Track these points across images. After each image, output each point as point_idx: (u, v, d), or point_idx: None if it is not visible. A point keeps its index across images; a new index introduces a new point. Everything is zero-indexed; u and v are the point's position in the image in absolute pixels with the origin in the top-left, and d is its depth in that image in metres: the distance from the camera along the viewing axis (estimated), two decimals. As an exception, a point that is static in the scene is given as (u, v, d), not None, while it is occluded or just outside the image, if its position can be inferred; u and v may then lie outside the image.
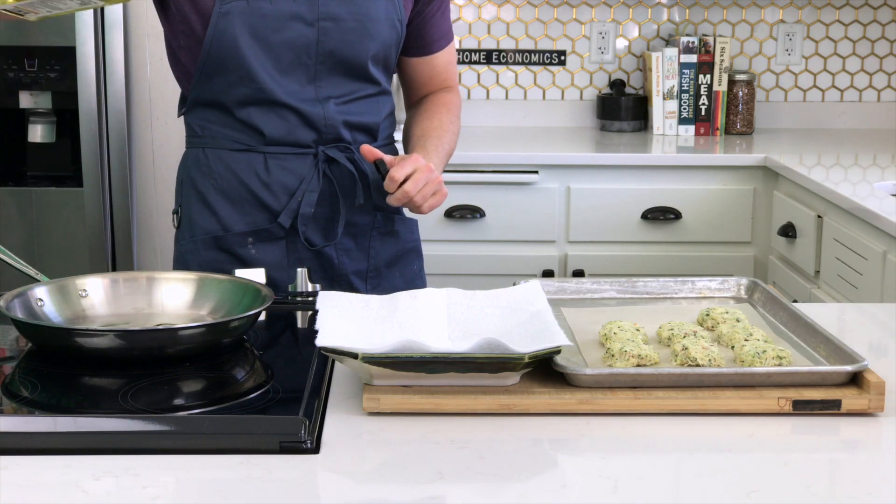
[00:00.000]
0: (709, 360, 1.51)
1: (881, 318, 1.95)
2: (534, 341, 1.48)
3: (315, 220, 2.06)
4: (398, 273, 2.15)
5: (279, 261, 2.05)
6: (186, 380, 1.53)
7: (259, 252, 2.05)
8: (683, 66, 3.91)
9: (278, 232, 2.05)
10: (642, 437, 1.39)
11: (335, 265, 2.08)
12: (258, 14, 1.97)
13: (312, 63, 2.01)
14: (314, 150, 2.04)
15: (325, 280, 2.07)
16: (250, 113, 2.02)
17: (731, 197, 3.50)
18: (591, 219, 3.50)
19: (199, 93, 2.04)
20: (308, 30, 1.99)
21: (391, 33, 2.05)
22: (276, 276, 2.00)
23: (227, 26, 1.97)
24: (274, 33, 1.98)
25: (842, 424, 1.43)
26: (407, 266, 2.17)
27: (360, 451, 1.34)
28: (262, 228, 2.05)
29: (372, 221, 2.11)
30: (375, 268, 2.13)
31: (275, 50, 1.99)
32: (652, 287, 1.84)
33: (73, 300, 1.69)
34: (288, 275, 2.01)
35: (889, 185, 3.13)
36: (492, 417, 1.42)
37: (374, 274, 2.12)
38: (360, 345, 1.48)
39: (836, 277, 2.99)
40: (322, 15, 1.99)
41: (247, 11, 1.97)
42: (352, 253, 2.10)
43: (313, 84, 2.02)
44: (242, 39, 1.97)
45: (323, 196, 2.06)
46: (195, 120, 2.07)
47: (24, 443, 1.33)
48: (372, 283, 2.12)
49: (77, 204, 3.17)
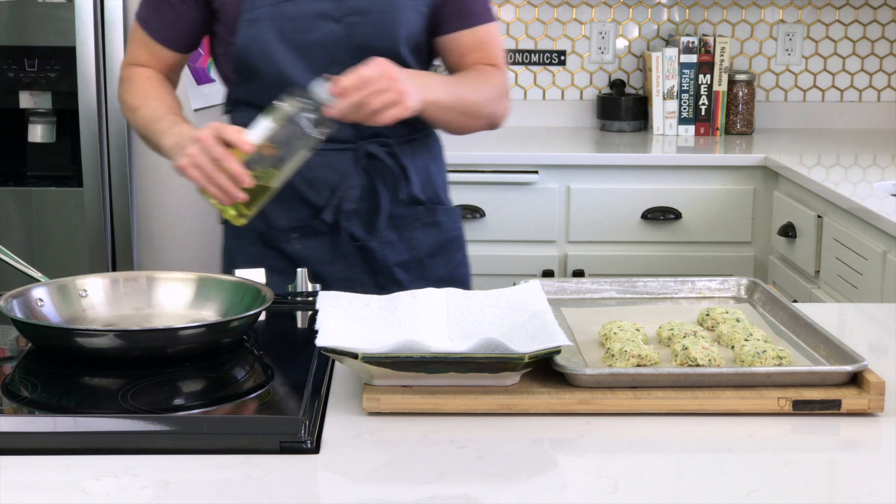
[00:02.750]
0: (709, 360, 1.51)
1: (881, 318, 1.95)
2: (534, 341, 1.48)
3: (357, 215, 2.07)
4: (442, 263, 2.16)
5: (323, 255, 2.07)
6: (186, 380, 1.53)
7: (303, 247, 2.07)
8: (683, 66, 3.91)
9: (322, 227, 2.07)
10: (642, 437, 1.39)
11: (378, 258, 2.09)
12: (285, 17, 1.98)
13: (345, 59, 1.99)
14: (353, 146, 2.05)
15: (369, 273, 2.09)
16: None
17: (730, 197, 3.51)
18: (591, 219, 3.50)
19: (240, 95, 2.07)
20: (336, 27, 1.99)
21: (418, 18, 2.04)
22: (321, 271, 2.04)
23: (256, 33, 1.98)
24: (303, 34, 1.99)
25: (842, 424, 1.43)
26: (450, 256, 2.17)
27: (360, 451, 1.34)
28: (305, 224, 2.07)
29: (414, 213, 2.11)
30: (418, 259, 2.13)
31: (306, 51, 1.99)
32: (652, 287, 1.84)
33: (73, 300, 1.69)
34: (332, 269, 2.05)
35: (889, 185, 3.13)
36: (492, 417, 1.42)
37: (418, 265, 2.13)
38: (360, 345, 1.48)
39: (836, 277, 2.99)
40: (348, 10, 1.99)
41: (273, 16, 1.97)
42: (395, 245, 2.11)
43: None
44: (272, 44, 1.98)
45: (364, 191, 2.07)
46: (238, 119, 2.08)
47: (24, 443, 1.33)
48: (415, 273, 2.12)
49: (77, 204, 3.17)
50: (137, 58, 2.10)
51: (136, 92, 2.06)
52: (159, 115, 1.99)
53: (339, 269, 2.07)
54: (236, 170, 1.76)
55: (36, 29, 3.12)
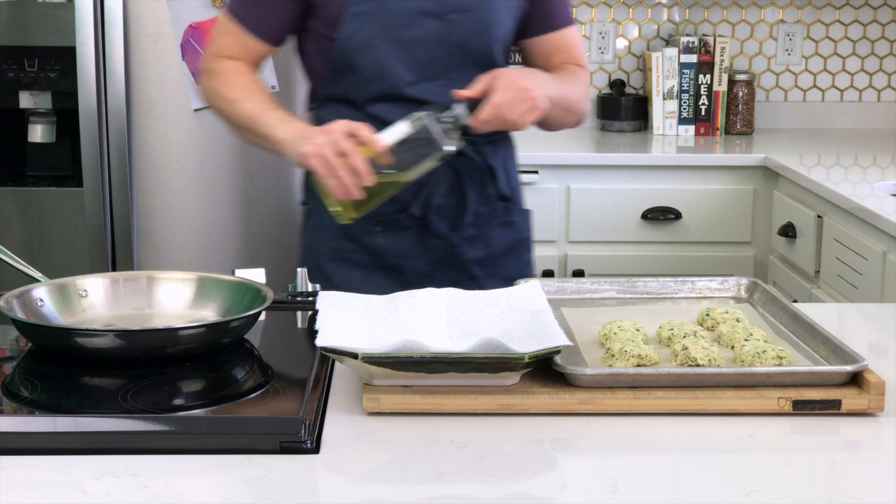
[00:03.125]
0: (709, 360, 1.51)
1: (881, 318, 1.95)
2: (534, 341, 1.48)
3: (443, 211, 2.11)
4: (512, 262, 2.20)
5: (406, 249, 2.11)
6: (186, 380, 1.53)
7: (386, 241, 2.11)
8: (683, 66, 3.91)
9: (406, 221, 2.10)
10: (642, 437, 1.39)
11: (457, 253, 2.13)
12: (389, 13, 2.01)
13: (444, 56, 2.04)
14: None
15: (446, 268, 2.13)
16: (381, 109, 2.05)
17: (730, 197, 3.51)
18: (591, 219, 3.50)
19: (329, 90, 2.09)
20: (437, 24, 2.03)
21: (509, 19, 2.09)
22: (402, 264, 2.10)
23: (359, 27, 2.01)
24: (404, 30, 2.02)
25: (842, 424, 1.43)
26: (520, 255, 2.22)
27: (360, 451, 1.34)
28: (391, 217, 2.09)
29: (493, 211, 2.16)
30: (493, 256, 2.17)
31: (406, 46, 2.02)
32: (652, 287, 1.85)
33: (73, 300, 1.69)
34: (413, 263, 2.10)
35: (889, 185, 3.13)
36: (492, 417, 1.42)
37: (492, 262, 2.17)
38: (360, 345, 1.48)
39: (836, 277, 2.99)
40: (450, 8, 2.03)
41: (378, 11, 2.00)
42: (474, 241, 2.14)
43: (445, 77, 2.05)
44: (375, 39, 2.01)
45: (451, 187, 2.10)
46: (325, 115, 2.09)
47: (24, 443, 1.33)
48: (489, 270, 2.16)
49: (77, 204, 3.17)
50: (226, 50, 2.11)
51: (235, 84, 2.07)
52: (267, 108, 2.01)
53: (420, 264, 2.11)
54: (361, 167, 1.80)
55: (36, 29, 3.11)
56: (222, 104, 2.09)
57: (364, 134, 1.83)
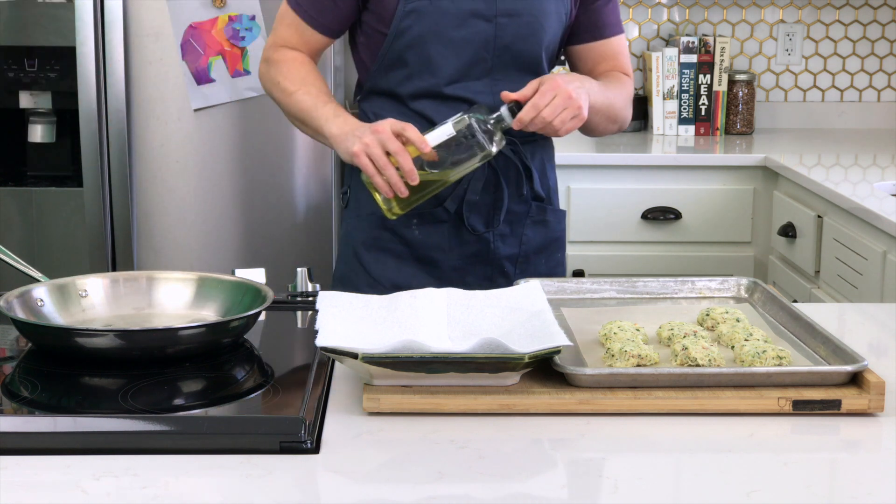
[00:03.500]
0: (709, 360, 1.51)
1: (881, 318, 1.95)
2: (534, 341, 1.48)
3: (478, 207, 2.13)
4: (544, 260, 2.22)
5: (441, 243, 2.14)
6: (186, 380, 1.53)
7: (422, 234, 2.14)
8: (683, 66, 3.91)
9: (442, 215, 2.12)
10: (642, 437, 1.39)
11: (491, 249, 2.16)
12: (440, 12, 2.04)
13: (490, 57, 2.08)
14: None
15: (479, 263, 2.16)
16: (424, 105, 2.09)
17: (730, 197, 3.50)
18: (591, 219, 3.50)
19: (375, 83, 2.13)
20: (486, 26, 2.06)
21: (558, 27, 2.12)
22: (437, 258, 2.13)
23: (411, 23, 2.04)
24: (455, 30, 2.05)
25: (842, 424, 1.43)
26: (552, 254, 2.25)
27: (360, 451, 1.34)
28: (427, 211, 2.11)
29: (527, 210, 2.18)
30: (525, 254, 2.20)
31: (454, 46, 2.05)
32: (652, 287, 1.85)
33: (73, 300, 1.69)
34: (447, 257, 2.13)
35: (889, 185, 3.13)
36: (492, 417, 1.42)
37: (524, 260, 2.19)
38: (360, 345, 1.48)
39: (836, 277, 2.99)
40: (499, 11, 2.06)
41: (430, 9, 2.04)
42: (507, 239, 2.17)
43: (488, 77, 2.08)
44: (426, 36, 2.05)
45: (487, 184, 2.13)
46: (369, 107, 2.14)
47: (24, 443, 1.33)
48: (521, 268, 2.19)
49: (77, 204, 3.17)
50: (287, 40, 2.14)
51: (293, 76, 2.10)
52: (322, 102, 2.05)
53: (454, 258, 2.14)
54: (409, 167, 1.86)
55: (36, 29, 3.12)
56: (279, 94, 2.12)
57: (411, 134, 1.88)
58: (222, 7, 3.07)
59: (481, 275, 2.16)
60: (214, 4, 3.07)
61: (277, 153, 3.18)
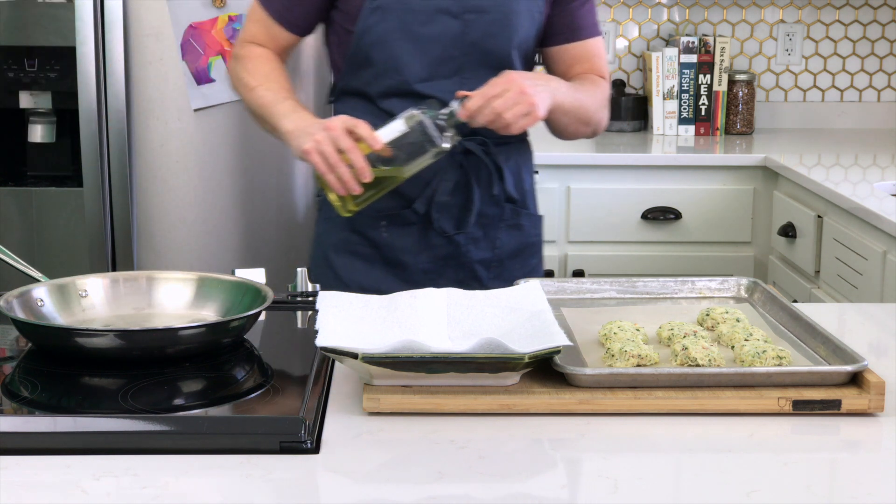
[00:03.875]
0: (709, 360, 1.51)
1: (881, 318, 1.95)
2: (534, 341, 1.48)
3: (448, 209, 2.11)
4: (518, 265, 2.20)
5: (410, 246, 2.12)
6: (186, 380, 1.53)
7: (391, 236, 2.12)
8: (683, 66, 3.91)
9: (411, 217, 2.11)
10: (642, 437, 1.39)
11: (462, 252, 2.13)
12: (406, 8, 2.02)
13: (458, 55, 2.05)
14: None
15: (450, 267, 2.13)
16: (393, 104, 2.07)
17: (730, 197, 3.50)
18: (591, 219, 3.50)
19: (347, 83, 2.11)
20: (453, 22, 2.04)
21: (531, 25, 2.10)
22: (406, 261, 2.11)
23: (377, 21, 2.03)
24: (422, 27, 2.03)
25: (842, 424, 1.43)
26: (527, 260, 2.22)
27: (360, 451, 1.34)
28: (395, 213, 2.10)
29: (501, 213, 2.16)
30: (499, 258, 2.17)
31: (421, 43, 2.04)
32: (652, 287, 1.84)
33: (73, 300, 1.69)
34: (416, 259, 2.11)
35: (889, 185, 3.13)
36: (492, 417, 1.42)
37: (497, 264, 2.17)
38: (360, 345, 1.48)
39: (836, 277, 2.99)
40: (467, 7, 2.04)
41: (396, 6, 2.02)
42: (479, 242, 2.15)
43: (458, 76, 2.06)
44: (391, 33, 2.03)
45: (457, 185, 2.11)
46: (341, 108, 2.13)
47: (24, 443, 1.33)
48: (494, 272, 2.17)
49: (77, 204, 3.17)
50: (255, 36, 2.13)
51: (255, 72, 2.09)
52: (280, 98, 2.03)
53: (424, 261, 2.12)
54: (361, 164, 1.84)
55: (36, 29, 3.11)
56: (241, 89, 2.12)
57: (362, 131, 1.85)
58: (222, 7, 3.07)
59: (452, 278, 2.12)
60: (214, 4, 3.07)
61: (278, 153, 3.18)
